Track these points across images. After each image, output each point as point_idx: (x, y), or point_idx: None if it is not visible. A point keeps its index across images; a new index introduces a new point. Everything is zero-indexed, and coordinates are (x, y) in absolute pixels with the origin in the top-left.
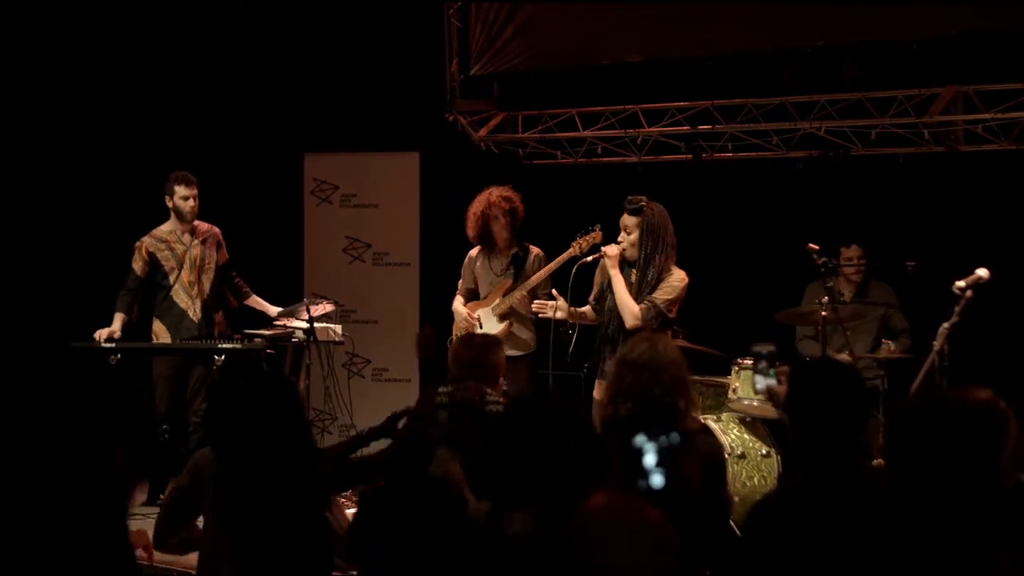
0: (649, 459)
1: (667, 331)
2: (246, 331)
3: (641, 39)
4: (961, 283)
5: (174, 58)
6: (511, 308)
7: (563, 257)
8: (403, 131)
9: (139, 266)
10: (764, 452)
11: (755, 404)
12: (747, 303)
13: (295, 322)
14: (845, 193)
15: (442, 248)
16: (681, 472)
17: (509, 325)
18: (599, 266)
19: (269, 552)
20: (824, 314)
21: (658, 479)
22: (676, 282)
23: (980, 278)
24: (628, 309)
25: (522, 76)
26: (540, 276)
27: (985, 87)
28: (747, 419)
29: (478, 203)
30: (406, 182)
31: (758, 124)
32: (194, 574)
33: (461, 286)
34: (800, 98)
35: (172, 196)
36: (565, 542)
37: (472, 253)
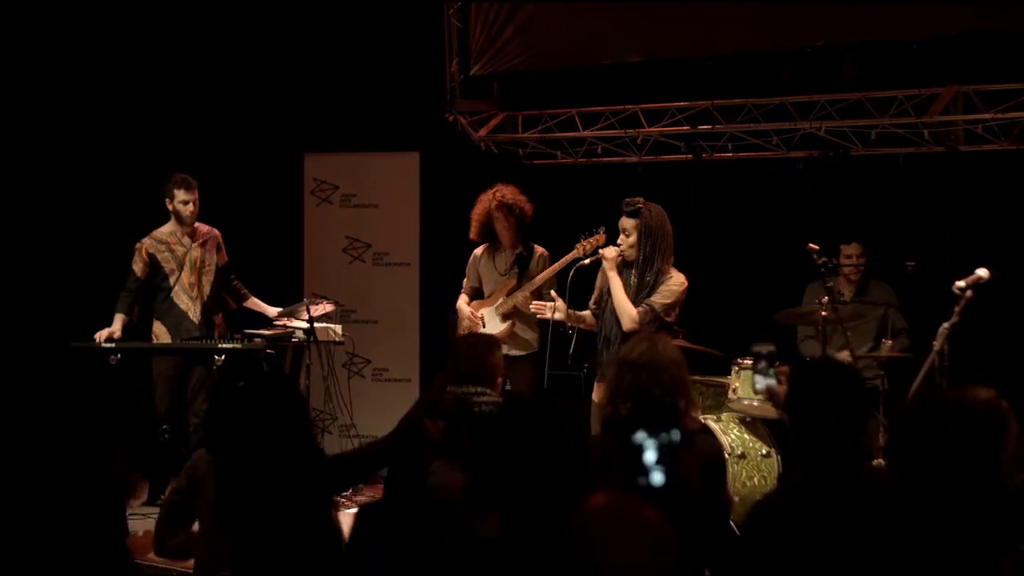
0: (649, 458)
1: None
2: (246, 331)
3: (641, 39)
4: (961, 283)
5: (174, 58)
6: (514, 308)
7: (567, 258)
8: (403, 131)
9: (139, 267)
10: (764, 452)
11: (755, 404)
12: (747, 303)
13: (295, 322)
14: (845, 193)
15: (442, 248)
16: (681, 472)
17: (512, 325)
18: (600, 269)
19: (269, 552)
20: (824, 314)
21: (658, 478)
22: (675, 286)
23: (980, 278)
24: (626, 312)
25: (522, 76)
26: (543, 277)
27: (985, 87)
28: (747, 419)
29: (482, 200)
30: (406, 182)
31: (758, 124)
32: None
33: (466, 284)
34: (800, 98)
35: (172, 199)
36: (564, 542)
37: (477, 252)
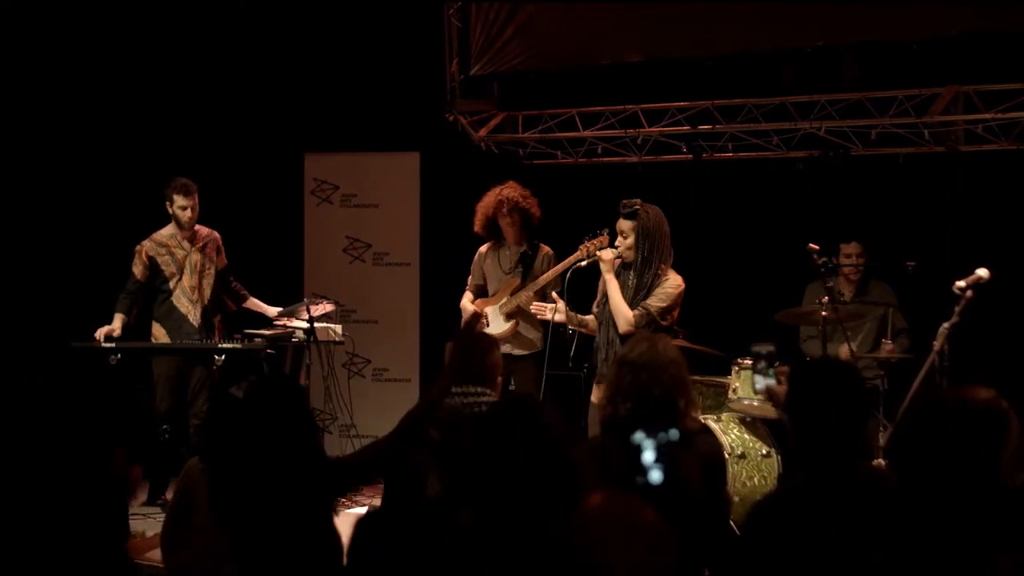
0: (648, 458)
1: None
2: (246, 331)
3: (641, 39)
4: (961, 283)
5: (174, 59)
6: (518, 307)
7: (571, 259)
8: (403, 131)
9: (139, 270)
10: (764, 452)
11: (755, 404)
12: (747, 303)
13: (295, 322)
14: (845, 193)
15: (442, 248)
16: (681, 472)
17: (516, 324)
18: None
19: (269, 553)
20: (824, 314)
21: (657, 477)
22: (671, 289)
23: (980, 278)
24: (622, 314)
25: (522, 76)
26: (548, 277)
27: (985, 87)
28: (747, 419)
29: (490, 195)
30: (406, 182)
31: (758, 124)
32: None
33: (471, 282)
34: (800, 98)
35: (171, 204)
36: (563, 542)
37: (482, 249)
